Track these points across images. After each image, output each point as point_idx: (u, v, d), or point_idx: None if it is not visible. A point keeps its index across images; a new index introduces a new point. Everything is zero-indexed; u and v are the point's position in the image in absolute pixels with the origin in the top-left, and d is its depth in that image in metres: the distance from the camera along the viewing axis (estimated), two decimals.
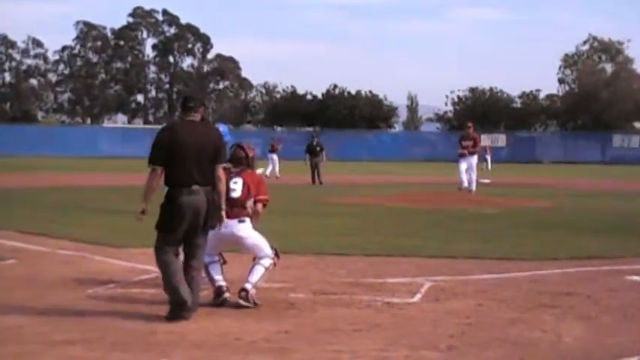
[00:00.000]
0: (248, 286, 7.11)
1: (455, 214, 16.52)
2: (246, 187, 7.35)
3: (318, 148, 28.53)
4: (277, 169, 33.23)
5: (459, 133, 72.58)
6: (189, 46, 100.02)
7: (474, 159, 22.43)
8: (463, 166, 22.30)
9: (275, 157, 33.75)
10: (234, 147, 7.66)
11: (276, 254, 7.41)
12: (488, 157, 46.70)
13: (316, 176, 27.76)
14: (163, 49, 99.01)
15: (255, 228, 7.41)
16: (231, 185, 7.30)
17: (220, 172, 6.80)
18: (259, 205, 7.46)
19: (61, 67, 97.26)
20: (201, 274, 6.93)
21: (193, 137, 6.70)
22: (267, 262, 7.33)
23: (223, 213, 6.85)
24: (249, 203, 7.34)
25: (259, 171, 31.75)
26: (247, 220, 7.29)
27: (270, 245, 7.39)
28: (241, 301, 7.04)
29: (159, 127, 9.98)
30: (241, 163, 7.54)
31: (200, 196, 6.64)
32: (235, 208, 7.22)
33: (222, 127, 8.11)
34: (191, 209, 6.62)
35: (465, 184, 22.16)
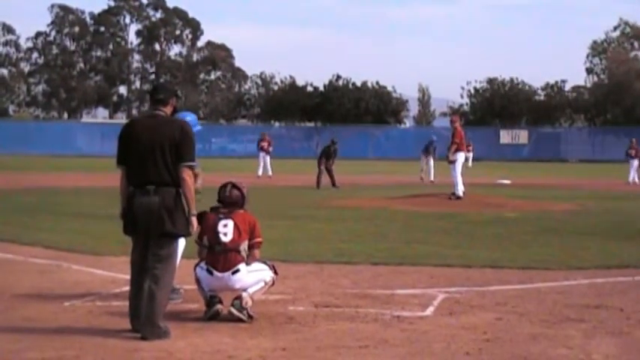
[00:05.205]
0: (244, 294, 7.11)
1: (471, 219, 16.51)
2: (237, 229, 7.24)
3: (335, 154, 28.78)
4: (269, 168, 34.74)
5: (475, 128, 72.63)
6: (177, 32, 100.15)
7: (455, 158, 21.07)
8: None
9: (267, 157, 35.29)
10: (228, 187, 7.45)
11: (274, 271, 7.41)
12: (470, 155, 47.33)
13: (328, 179, 27.86)
14: (148, 35, 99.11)
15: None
16: (221, 228, 7.21)
17: (185, 173, 6.65)
18: (256, 252, 7.37)
19: (35, 55, 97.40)
20: (162, 288, 6.61)
21: (147, 133, 6.66)
22: (268, 275, 7.33)
23: (194, 219, 6.78)
24: (243, 246, 7.25)
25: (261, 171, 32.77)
26: (242, 267, 7.18)
27: (265, 263, 7.40)
28: (234, 311, 7.03)
29: None
30: (237, 204, 7.40)
31: (153, 197, 6.56)
32: (230, 254, 7.15)
33: (188, 117, 7.91)
34: (143, 212, 6.57)
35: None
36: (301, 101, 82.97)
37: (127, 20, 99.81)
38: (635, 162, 33.29)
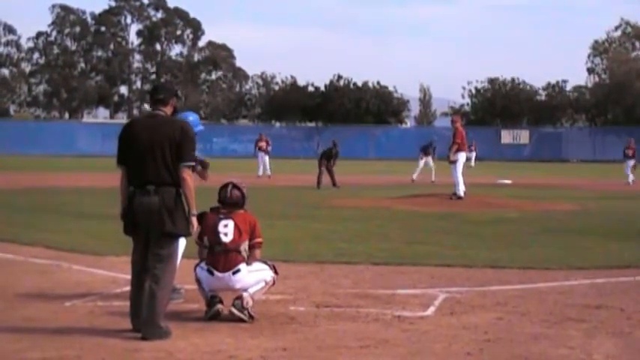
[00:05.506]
0: (245, 295, 7.11)
1: (471, 219, 16.51)
2: (237, 229, 7.23)
3: (336, 156, 28.86)
4: (268, 168, 34.96)
5: (476, 128, 72.66)
6: (178, 32, 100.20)
7: (456, 158, 20.94)
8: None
9: (266, 156, 35.56)
10: (229, 187, 7.42)
11: (275, 271, 7.42)
12: (473, 154, 47.59)
13: (328, 179, 27.90)
14: (149, 35, 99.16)
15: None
16: (221, 228, 7.20)
17: (185, 173, 6.65)
18: (257, 252, 7.36)
19: (36, 55, 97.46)
20: (162, 288, 6.61)
21: (146, 133, 6.65)
22: (268, 275, 7.33)
23: (194, 219, 6.78)
24: (244, 246, 7.24)
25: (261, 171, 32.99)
26: (242, 267, 7.18)
27: (265, 263, 7.39)
28: (235, 311, 7.03)
29: None
30: (237, 205, 7.39)
31: (154, 197, 6.56)
32: (230, 254, 7.15)
33: (190, 117, 7.91)
34: (144, 212, 6.57)
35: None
36: (302, 101, 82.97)
37: (128, 20, 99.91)
38: (631, 162, 33.33)
